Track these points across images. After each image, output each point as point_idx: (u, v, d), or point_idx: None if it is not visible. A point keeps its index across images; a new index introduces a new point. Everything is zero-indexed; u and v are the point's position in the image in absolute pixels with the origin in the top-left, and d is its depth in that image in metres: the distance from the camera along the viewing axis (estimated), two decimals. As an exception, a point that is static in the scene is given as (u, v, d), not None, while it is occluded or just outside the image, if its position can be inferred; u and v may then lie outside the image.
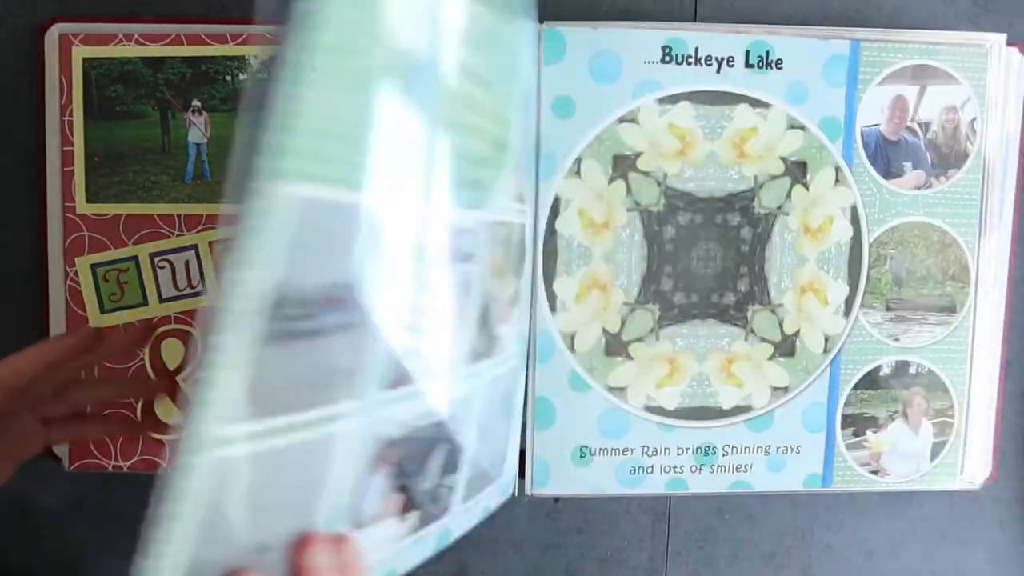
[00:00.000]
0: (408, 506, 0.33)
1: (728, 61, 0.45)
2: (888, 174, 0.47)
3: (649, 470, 0.47)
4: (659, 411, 0.47)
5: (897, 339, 0.48)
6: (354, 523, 0.29)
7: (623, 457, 0.47)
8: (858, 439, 0.49)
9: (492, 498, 0.43)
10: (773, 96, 0.46)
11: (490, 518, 0.51)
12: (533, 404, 0.46)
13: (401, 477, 0.32)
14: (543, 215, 0.45)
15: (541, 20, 0.45)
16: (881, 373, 0.48)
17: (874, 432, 0.49)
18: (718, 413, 0.47)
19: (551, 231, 0.46)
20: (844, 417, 0.48)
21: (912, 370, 0.49)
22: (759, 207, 0.47)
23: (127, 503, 0.50)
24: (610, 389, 0.47)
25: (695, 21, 0.48)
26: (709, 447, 0.48)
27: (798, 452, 0.48)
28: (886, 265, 0.48)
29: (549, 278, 0.46)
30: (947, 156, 0.47)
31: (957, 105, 0.47)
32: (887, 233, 0.48)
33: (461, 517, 0.38)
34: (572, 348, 0.46)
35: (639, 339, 0.47)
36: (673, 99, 0.45)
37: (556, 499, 0.51)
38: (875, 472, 0.49)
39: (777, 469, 0.48)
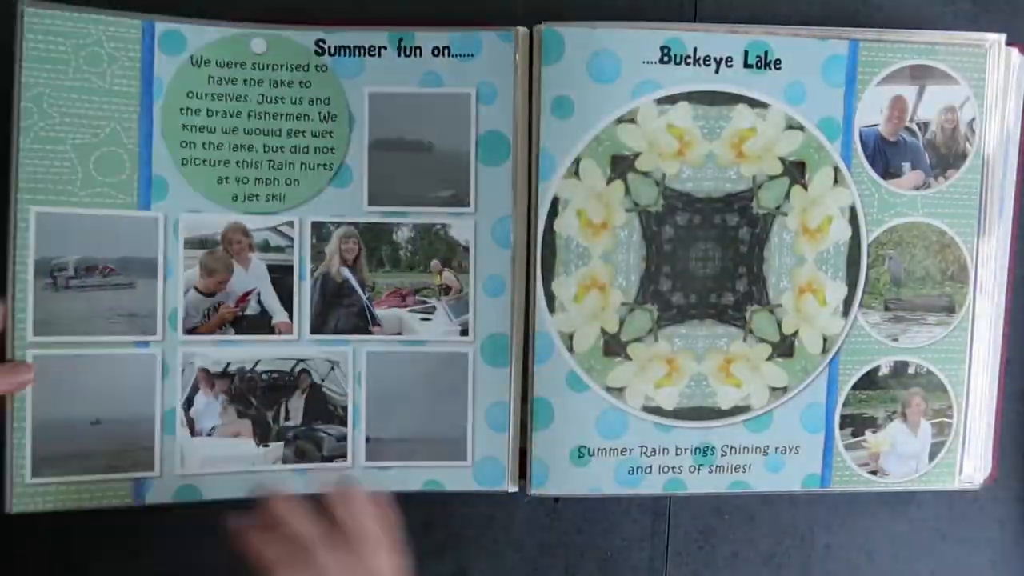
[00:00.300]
0: (264, 435, 0.46)
1: (727, 61, 0.45)
2: (887, 174, 0.47)
3: (648, 470, 0.47)
4: (657, 411, 0.47)
5: (896, 339, 0.48)
6: (189, 426, 0.45)
7: (621, 457, 0.47)
8: (857, 439, 0.49)
9: (443, 476, 0.47)
10: (772, 96, 0.46)
11: (490, 519, 0.51)
12: (531, 404, 0.46)
13: (240, 405, 0.45)
14: (542, 215, 0.45)
15: (540, 20, 0.45)
16: (880, 373, 0.48)
17: (873, 432, 0.49)
18: (717, 413, 0.47)
19: (549, 231, 0.46)
20: (843, 417, 0.48)
21: (911, 370, 0.49)
22: (757, 207, 0.47)
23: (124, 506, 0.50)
24: (608, 389, 0.47)
25: (695, 21, 0.48)
26: (708, 447, 0.48)
27: (797, 452, 0.48)
28: (884, 265, 0.48)
29: (548, 278, 0.46)
30: (946, 156, 0.47)
31: (956, 105, 0.47)
32: (886, 233, 0.47)
33: (376, 475, 0.47)
34: (571, 348, 0.46)
35: (637, 339, 0.47)
36: (672, 99, 0.45)
37: (556, 499, 0.51)
38: (874, 472, 0.49)
39: (776, 469, 0.48)
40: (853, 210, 0.47)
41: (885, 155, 0.47)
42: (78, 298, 0.43)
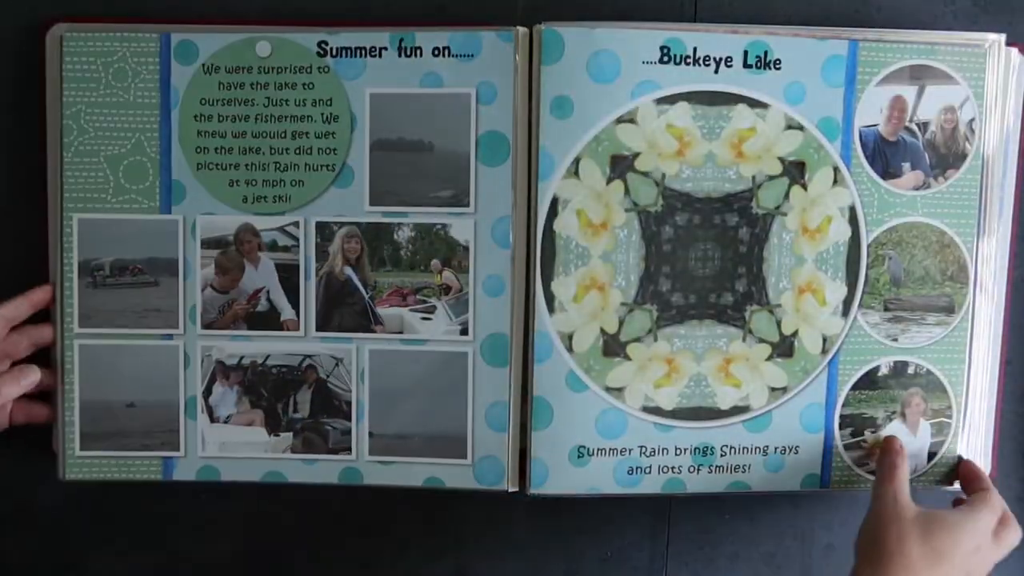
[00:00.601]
0: (274, 425, 0.48)
1: (726, 61, 0.45)
2: (886, 174, 0.47)
3: (647, 470, 0.47)
4: (657, 411, 0.47)
5: (895, 339, 0.48)
6: (208, 413, 0.48)
7: (621, 457, 0.47)
8: (856, 439, 0.49)
9: (444, 474, 0.47)
10: (771, 96, 0.46)
11: (490, 519, 0.51)
12: (530, 404, 0.46)
13: (253, 396, 0.48)
14: (541, 215, 0.45)
15: (540, 20, 0.45)
16: (879, 373, 0.48)
17: (872, 432, 0.49)
18: (716, 413, 0.47)
19: (549, 231, 0.46)
20: (842, 417, 0.48)
21: (910, 370, 0.49)
22: (757, 207, 0.47)
23: (126, 504, 0.51)
24: (608, 389, 0.47)
25: (695, 21, 0.48)
26: (707, 447, 0.48)
27: (796, 452, 0.48)
28: (884, 265, 0.48)
29: (547, 278, 0.46)
30: (945, 156, 0.47)
31: (955, 105, 0.47)
32: (885, 233, 0.48)
33: (379, 469, 0.48)
34: (570, 348, 0.46)
35: (637, 339, 0.47)
36: (671, 99, 0.45)
37: (556, 499, 0.51)
38: (873, 472, 0.49)
39: (775, 469, 0.48)
40: (853, 210, 0.47)
41: (885, 155, 0.47)
42: (113, 295, 0.47)
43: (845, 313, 0.48)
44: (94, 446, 0.47)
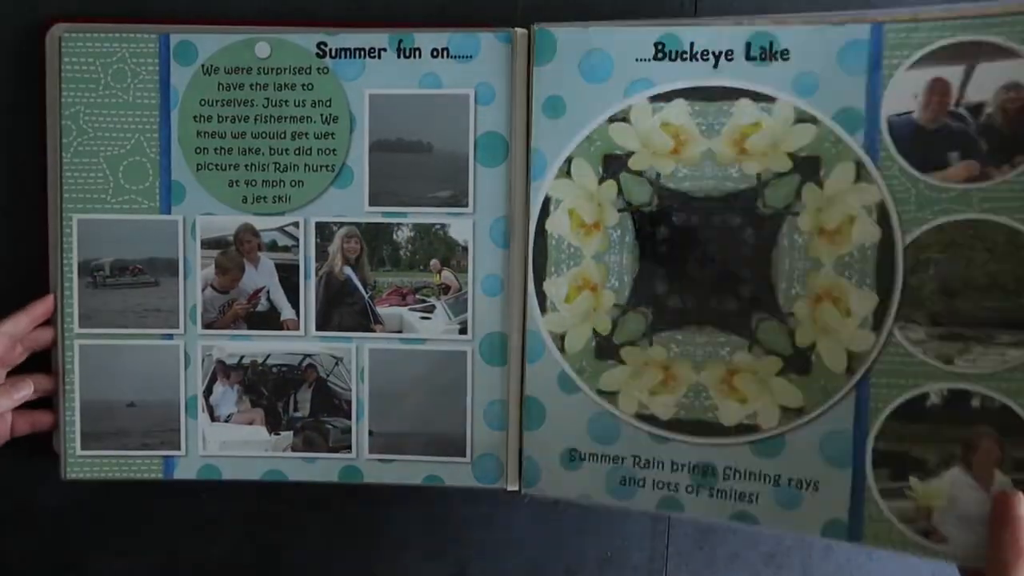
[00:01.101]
0: (275, 424, 0.49)
1: (727, 55, 0.42)
2: (926, 166, 0.41)
3: (641, 483, 0.45)
4: (652, 420, 0.44)
5: (950, 362, 0.41)
6: (209, 412, 0.49)
7: (613, 465, 0.45)
8: (898, 484, 0.41)
9: (444, 472, 0.48)
10: (778, 89, 0.42)
11: (490, 519, 0.51)
12: (523, 403, 0.46)
13: (253, 395, 0.49)
14: (534, 215, 0.45)
15: (536, 20, 0.45)
16: (928, 403, 0.41)
17: (921, 480, 0.41)
18: (718, 430, 0.44)
19: (541, 231, 0.45)
20: (877, 453, 0.41)
21: (974, 403, 0.40)
22: (763, 207, 0.43)
23: (126, 504, 0.52)
24: (600, 393, 0.45)
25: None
26: (708, 467, 0.44)
27: (816, 489, 0.42)
28: (929, 271, 0.41)
29: (539, 278, 0.45)
30: (1009, 141, 0.40)
31: (1022, 81, 0.39)
32: (929, 234, 0.41)
33: (379, 467, 0.48)
34: (562, 348, 0.45)
35: (631, 342, 0.45)
36: (667, 96, 0.43)
37: (556, 499, 0.49)
38: (925, 534, 0.41)
39: (790, 506, 0.43)
40: (882, 208, 0.41)
41: (924, 145, 0.41)
42: (113, 295, 0.48)
43: (876, 327, 0.41)
44: (95, 446, 0.48)
